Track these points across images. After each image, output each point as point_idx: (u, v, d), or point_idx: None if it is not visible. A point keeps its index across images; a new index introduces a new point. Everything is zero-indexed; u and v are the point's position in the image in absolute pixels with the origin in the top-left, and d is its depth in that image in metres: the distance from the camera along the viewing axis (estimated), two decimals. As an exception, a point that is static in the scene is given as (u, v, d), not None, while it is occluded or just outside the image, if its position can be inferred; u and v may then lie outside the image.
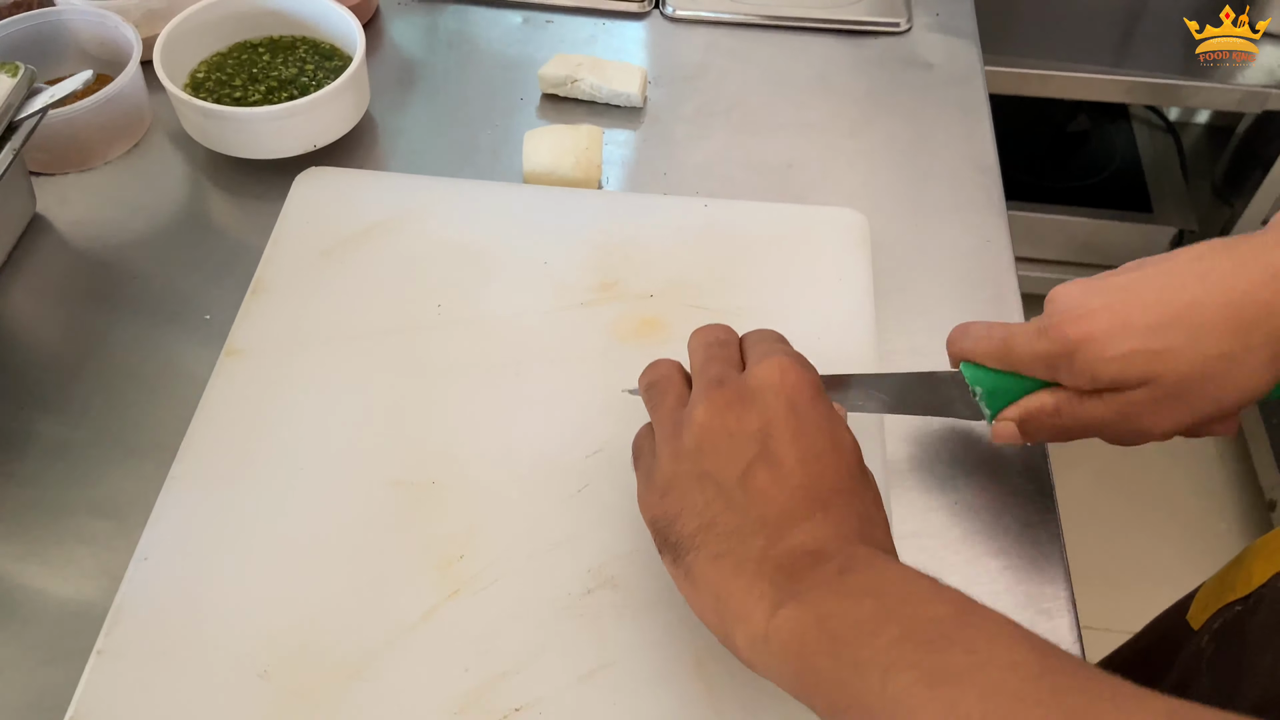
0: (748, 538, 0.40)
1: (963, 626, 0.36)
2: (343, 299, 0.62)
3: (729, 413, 0.43)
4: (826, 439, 0.42)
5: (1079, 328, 0.46)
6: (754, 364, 0.44)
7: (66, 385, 0.60)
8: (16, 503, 0.55)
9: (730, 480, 0.42)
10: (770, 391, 0.43)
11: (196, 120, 0.69)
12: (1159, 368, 0.45)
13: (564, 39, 0.83)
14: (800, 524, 0.40)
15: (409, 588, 0.51)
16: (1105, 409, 0.47)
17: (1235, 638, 0.58)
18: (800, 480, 0.41)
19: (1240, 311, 0.44)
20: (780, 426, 0.42)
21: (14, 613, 0.52)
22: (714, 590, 0.41)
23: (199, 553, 0.52)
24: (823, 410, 0.43)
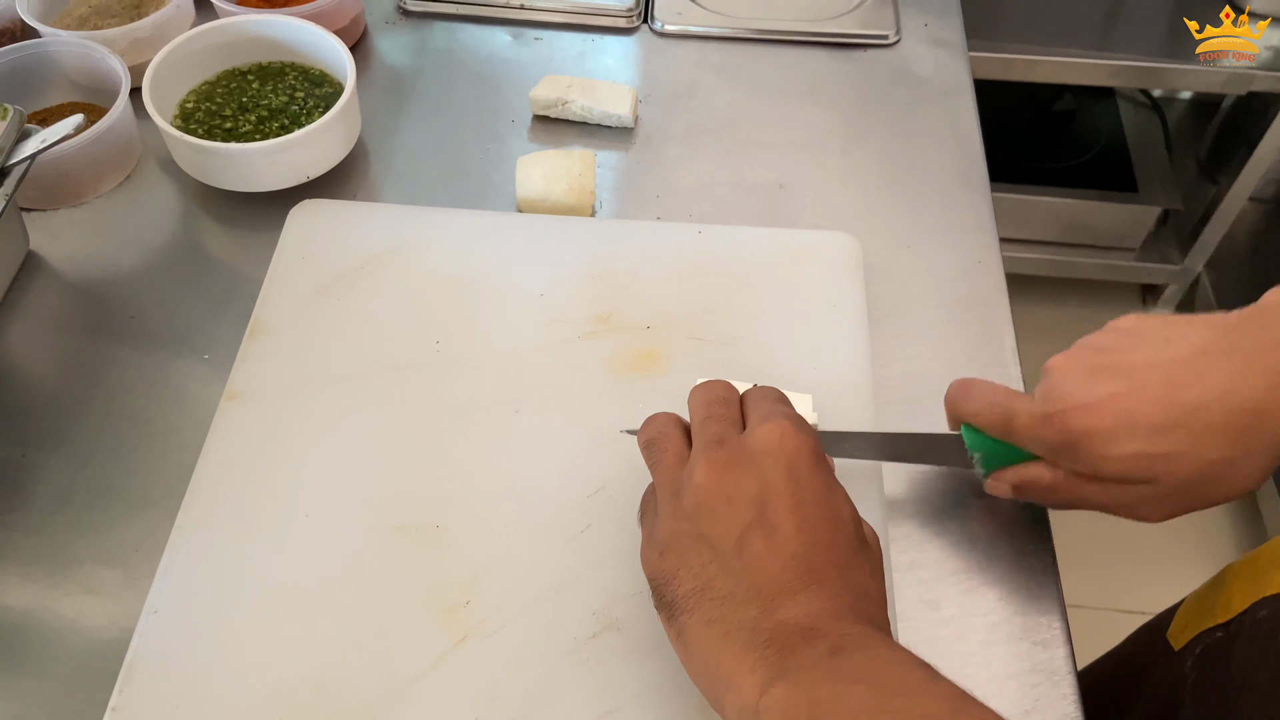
0: (741, 606, 0.41)
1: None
2: (341, 338, 0.62)
3: (727, 475, 0.43)
4: (824, 509, 0.43)
5: (1083, 420, 0.47)
6: (754, 426, 0.45)
7: (68, 429, 0.61)
8: (24, 554, 0.56)
9: (727, 545, 0.42)
10: (770, 456, 0.43)
11: (189, 155, 0.68)
12: (1161, 469, 0.46)
13: (553, 56, 0.83)
14: (794, 596, 0.40)
15: (417, 635, 0.51)
16: (1102, 495, 0.48)
17: (1218, 666, 0.59)
18: (796, 549, 0.41)
19: (1241, 419, 0.45)
20: (778, 493, 0.42)
21: (26, 667, 0.52)
22: (704, 656, 0.41)
23: (208, 605, 0.52)
24: (822, 478, 0.44)
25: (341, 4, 0.77)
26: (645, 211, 0.72)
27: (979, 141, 0.78)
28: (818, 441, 0.45)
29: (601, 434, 0.58)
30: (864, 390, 0.61)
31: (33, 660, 0.53)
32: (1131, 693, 0.67)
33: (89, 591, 0.55)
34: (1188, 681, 0.61)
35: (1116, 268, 1.78)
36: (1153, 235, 1.76)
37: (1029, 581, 0.56)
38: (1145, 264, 1.78)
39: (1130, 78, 1.55)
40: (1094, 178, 1.76)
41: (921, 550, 0.57)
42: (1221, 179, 1.75)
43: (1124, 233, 1.75)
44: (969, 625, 0.55)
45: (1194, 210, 1.75)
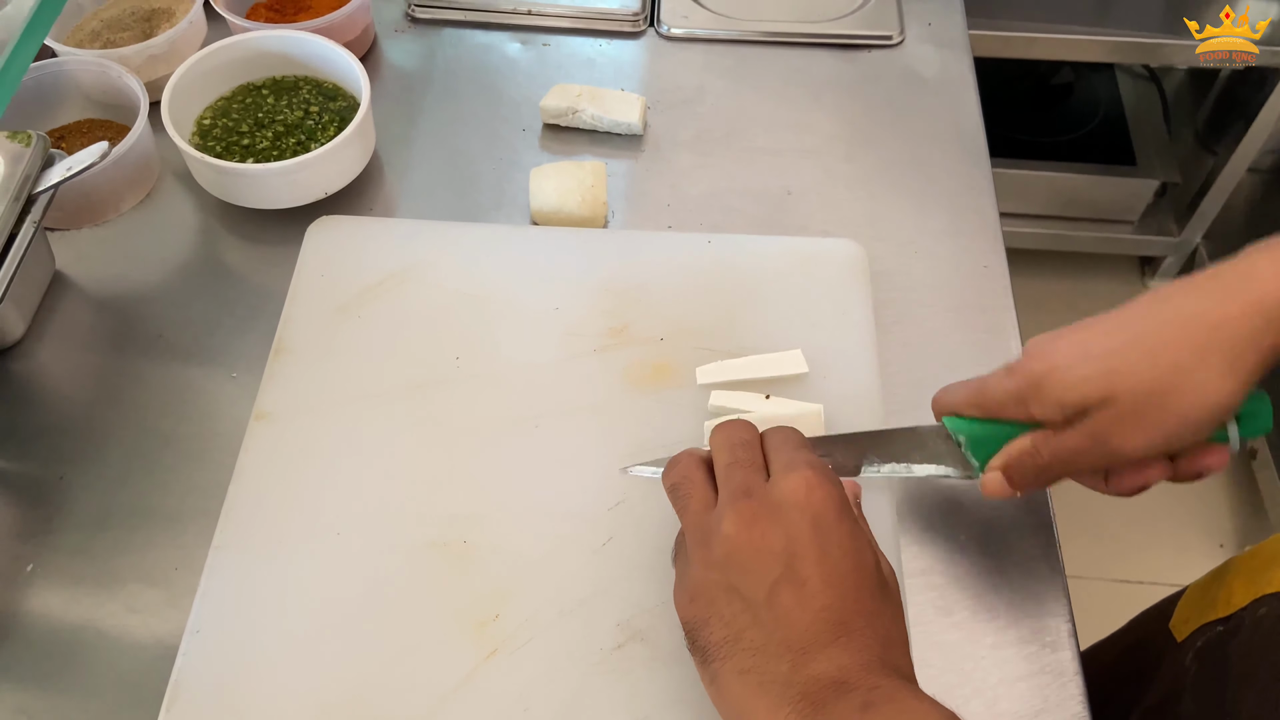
0: (773, 658, 0.42)
1: None
2: (363, 356, 0.64)
3: (755, 528, 0.44)
4: (850, 559, 0.44)
5: (1042, 361, 0.50)
6: (779, 475, 0.46)
7: (103, 448, 0.63)
8: (68, 575, 0.58)
9: (757, 597, 0.43)
10: (796, 509, 0.44)
11: (209, 175, 0.70)
12: (1117, 385, 0.48)
13: (562, 62, 0.84)
14: (824, 649, 0.42)
15: (449, 650, 0.54)
16: (1078, 437, 0.50)
17: (1218, 662, 0.61)
18: (824, 601, 0.42)
19: (1194, 330, 0.47)
20: (805, 545, 0.43)
21: (75, 687, 0.55)
22: (739, 704, 0.43)
23: (247, 624, 0.54)
24: (847, 528, 0.45)
25: (352, 16, 0.78)
26: (657, 220, 0.74)
27: (984, 143, 0.79)
28: (842, 491, 0.46)
29: (619, 448, 0.60)
30: (873, 397, 0.63)
31: (81, 680, 0.55)
32: (1137, 683, 0.69)
33: (132, 611, 0.57)
34: (1188, 674, 0.64)
35: (1115, 240, 1.80)
36: (1151, 208, 1.77)
37: (1036, 586, 0.58)
38: (1143, 236, 1.79)
39: (1128, 53, 1.56)
40: (1093, 151, 1.77)
41: (933, 557, 0.59)
42: (1220, 150, 1.75)
43: (1122, 205, 1.77)
44: (979, 629, 0.57)
45: (1192, 182, 1.76)
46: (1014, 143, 1.76)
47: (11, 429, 0.64)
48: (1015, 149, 1.75)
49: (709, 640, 0.44)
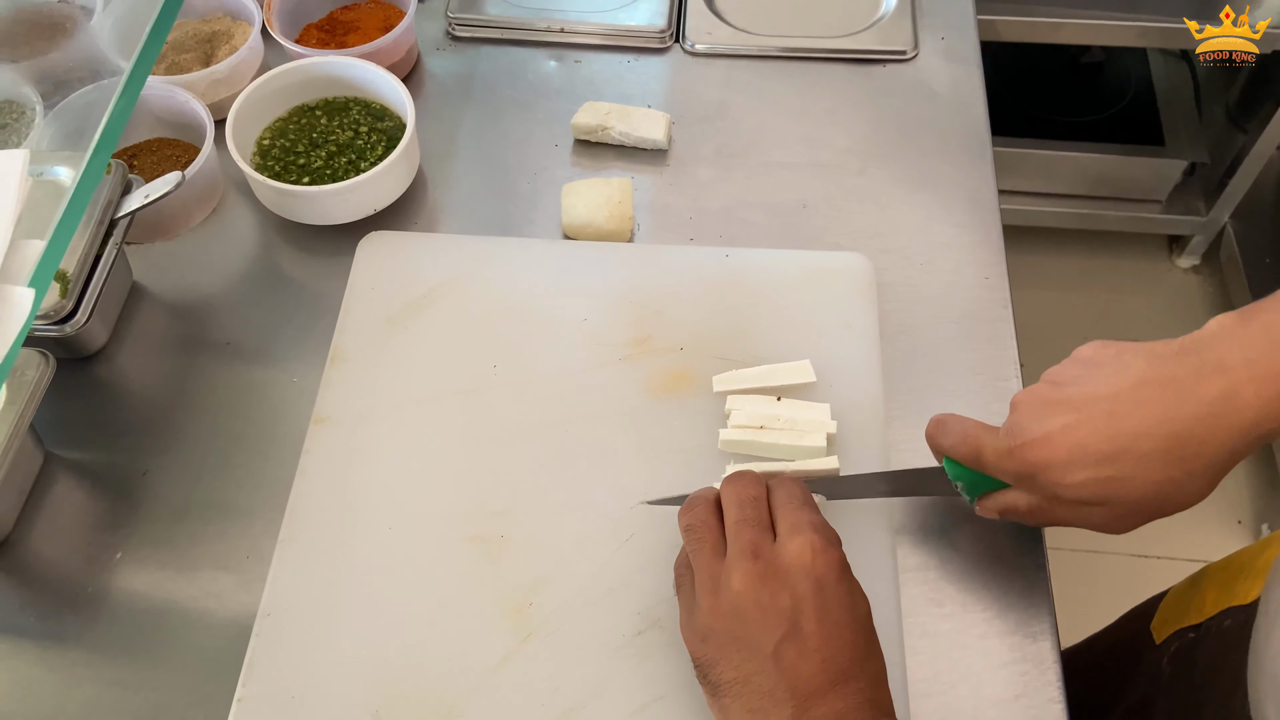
0: (779, 704, 0.48)
1: None
2: (410, 365, 0.71)
3: (763, 588, 0.50)
4: (847, 615, 0.50)
5: (1039, 453, 0.53)
6: (785, 538, 0.52)
7: (178, 447, 0.70)
8: (152, 563, 0.65)
9: (763, 650, 0.49)
10: (801, 572, 0.50)
11: (270, 195, 0.76)
12: (1112, 492, 0.52)
13: (592, 78, 0.89)
14: (824, 696, 0.47)
15: (489, 634, 0.61)
16: (1070, 515, 0.55)
17: (1188, 665, 0.67)
18: (825, 655, 0.48)
19: (1181, 445, 0.50)
20: (808, 605, 0.49)
21: (163, 661, 0.62)
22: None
23: (312, 609, 0.62)
24: (845, 587, 0.51)
25: (397, 40, 0.84)
26: (679, 231, 0.79)
27: (990, 158, 0.83)
28: (843, 554, 0.52)
29: (642, 451, 0.67)
30: (876, 403, 0.69)
31: (166, 655, 0.62)
32: (1119, 680, 0.75)
33: (210, 595, 0.64)
34: (1163, 677, 0.69)
35: (1143, 220, 1.82)
36: (1179, 187, 1.79)
37: (1022, 582, 0.64)
38: (1171, 215, 1.81)
39: (1155, 38, 1.57)
40: (1122, 130, 1.78)
41: (927, 554, 0.65)
42: (1249, 127, 1.77)
43: (1150, 185, 1.79)
44: (968, 620, 0.63)
45: (1220, 161, 1.78)
46: (1043, 122, 1.78)
47: (99, 427, 0.71)
48: (1045, 128, 1.77)
49: (719, 678, 0.50)
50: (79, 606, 0.64)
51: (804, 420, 0.66)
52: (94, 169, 0.53)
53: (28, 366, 0.64)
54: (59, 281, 0.66)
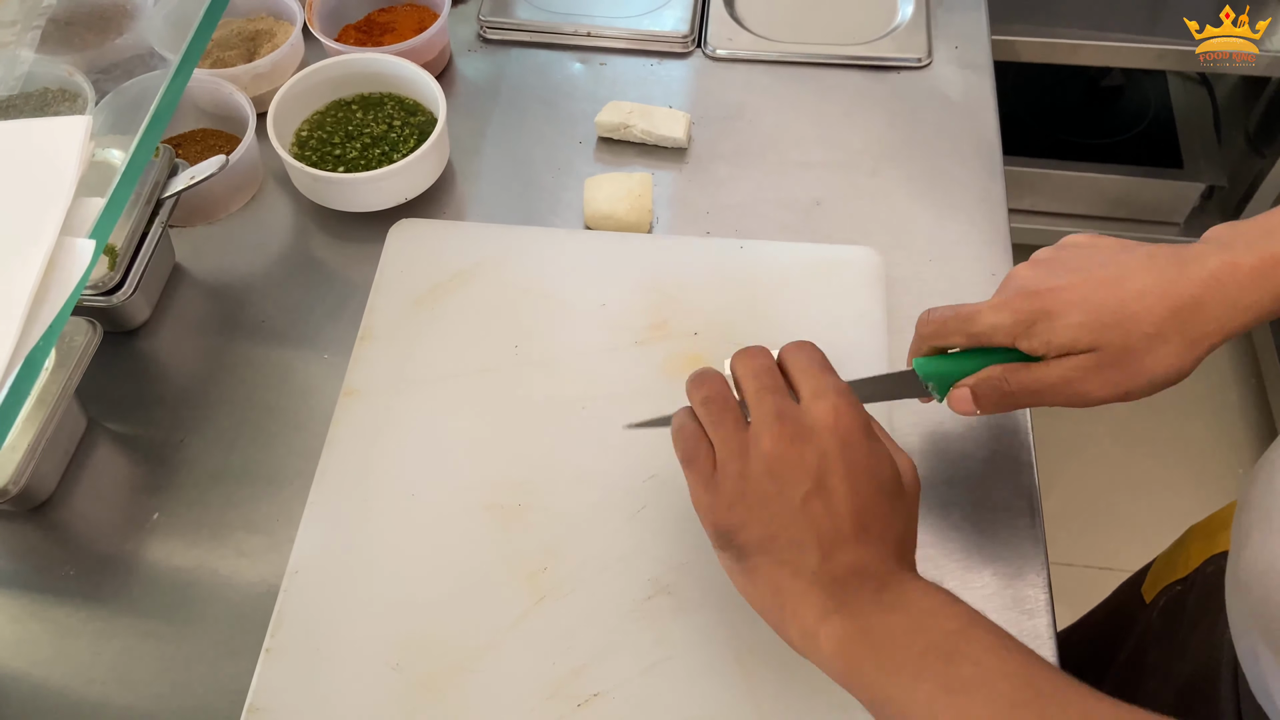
0: (805, 553, 0.50)
1: (970, 641, 0.46)
2: (436, 343, 0.74)
3: (791, 448, 0.51)
4: (870, 474, 0.51)
5: (1042, 301, 0.55)
6: (810, 401, 0.53)
7: (216, 418, 0.73)
8: (187, 524, 0.69)
9: (792, 504, 0.50)
10: (826, 431, 0.51)
11: (307, 182, 0.80)
12: (1103, 338, 0.54)
13: (617, 80, 0.92)
14: (848, 546, 0.50)
15: (505, 595, 0.63)
16: (1052, 373, 0.57)
17: (1177, 615, 0.69)
18: (849, 508, 0.50)
19: (1179, 308, 0.53)
20: (834, 463, 0.51)
21: (194, 615, 0.65)
22: (774, 589, 0.51)
23: (337, 567, 0.65)
24: (868, 447, 0.52)
25: (431, 39, 0.88)
26: (696, 225, 0.82)
27: (999, 160, 0.86)
28: (866, 414, 0.53)
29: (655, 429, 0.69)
30: (883, 391, 0.71)
31: (199, 610, 0.66)
32: (1114, 642, 0.77)
33: (241, 554, 0.67)
34: (1153, 629, 0.72)
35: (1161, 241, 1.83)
36: (1197, 210, 1.80)
37: (1019, 560, 0.66)
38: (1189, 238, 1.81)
39: (1173, 61, 1.59)
40: (1141, 153, 1.80)
41: (926, 531, 0.67)
42: (1268, 152, 1.78)
43: (1168, 208, 1.80)
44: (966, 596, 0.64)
45: (1239, 185, 1.79)
46: (1063, 143, 1.80)
47: (140, 399, 0.75)
48: (1064, 149, 1.79)
49: (748, 540, 0.52)
50: (116, 563, 0.68)
51: None
52: (144, 148, 0.56)
53: (76, 333, 0.67)
54: (108, 255, 0.69)
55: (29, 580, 0.67)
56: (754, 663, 0.61)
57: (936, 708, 0.44)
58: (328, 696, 0.60)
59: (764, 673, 0.60)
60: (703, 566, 0.64)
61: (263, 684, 0.61)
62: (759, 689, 0.60)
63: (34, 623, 0.65)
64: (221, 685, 0.62)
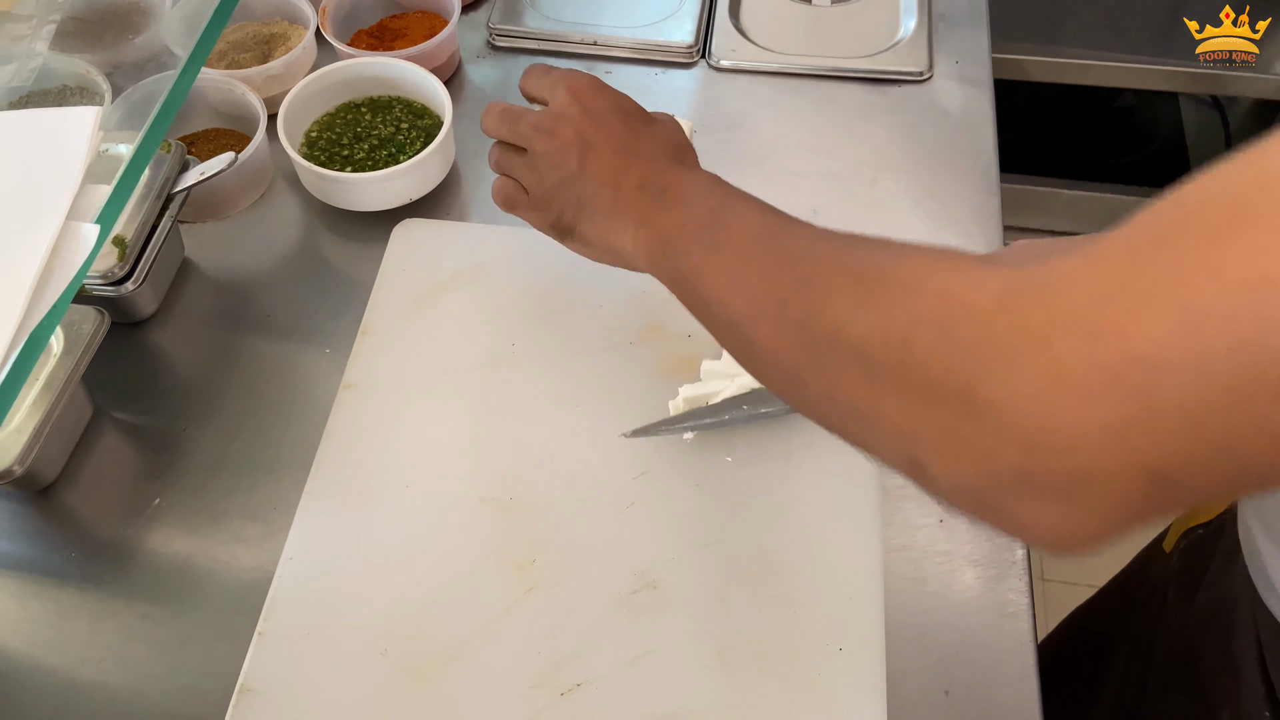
0: (600, 196, 0.60)
1: (725, 212, 0.55)
2: (435, 340, 0.75)
3: (553, 138, 0.62)
4: (617, 114, 0.62)
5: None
6: (549, 97, 0.63)
7: (218, 408, 0.75)
8: (186, 509, 0.70)
9: (573, 174, 0.61)
10: (568, 108, 0.62)
11: (315, 181, 0.82)
12: None
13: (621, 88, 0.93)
14: (625, 173, 0.60)
15: (494, 586, 0.65)
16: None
17: (1200, 556, 0.70)
18: (614, 148, 0.61)
19: None
20: (584, 125, 0.61)
21: (190, 598, 0.67)
22: (600, 239, 0.62)
23: (331, 555, 0.66)
24: (607, 98, 0.63)
25: (441, 45, 0.89)
26: (695, 232, 0.84)
27: (996, 174, 0.87)
28: (594, 77, 0.64)
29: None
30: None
31: (195, 593, 0.67)
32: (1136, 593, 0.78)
33: (238, 540, 0.69)
34: (1173, 570, 0.73)
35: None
36: (1207, 231, 1.81)
37: (1001, 564, 0.67)
38: (1198, 260, 1.82)
39: (1184, 83, 1.60)
40: (1151, 174, 1.81)
41: (912, 535, 0.68)
42: (1279, 178, 1.78)
43: (1177, 231, 1.80)
44: (948, 599, 0.66)
45: (1248, 209, 1.79)
46: (1074, 163, 1.81)
47: (144, 389, 0.77)
48: (1075, 169, 1.80)
49: (568, 219, 0.63)
50: (117, 546, 0.69)
51: None
52: (151, 139, 0.58)
53: (85, 321, 0.69)
54: (117, 245, 0.71)
55: (32, 561, 0.69)
56: (734, 658, 0.62)
57: (704, 269, 0.53)
58: (317, 680, 0.62)
59: (744, 668, 0.61)
60: (688, 563, 0.66)
61: (254, 666, 0.62)
62: (739, 684, 0.61)
63: (35, 602, 0.67)
64: (215, 667, 0.63)
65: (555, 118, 0.62)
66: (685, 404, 0.70)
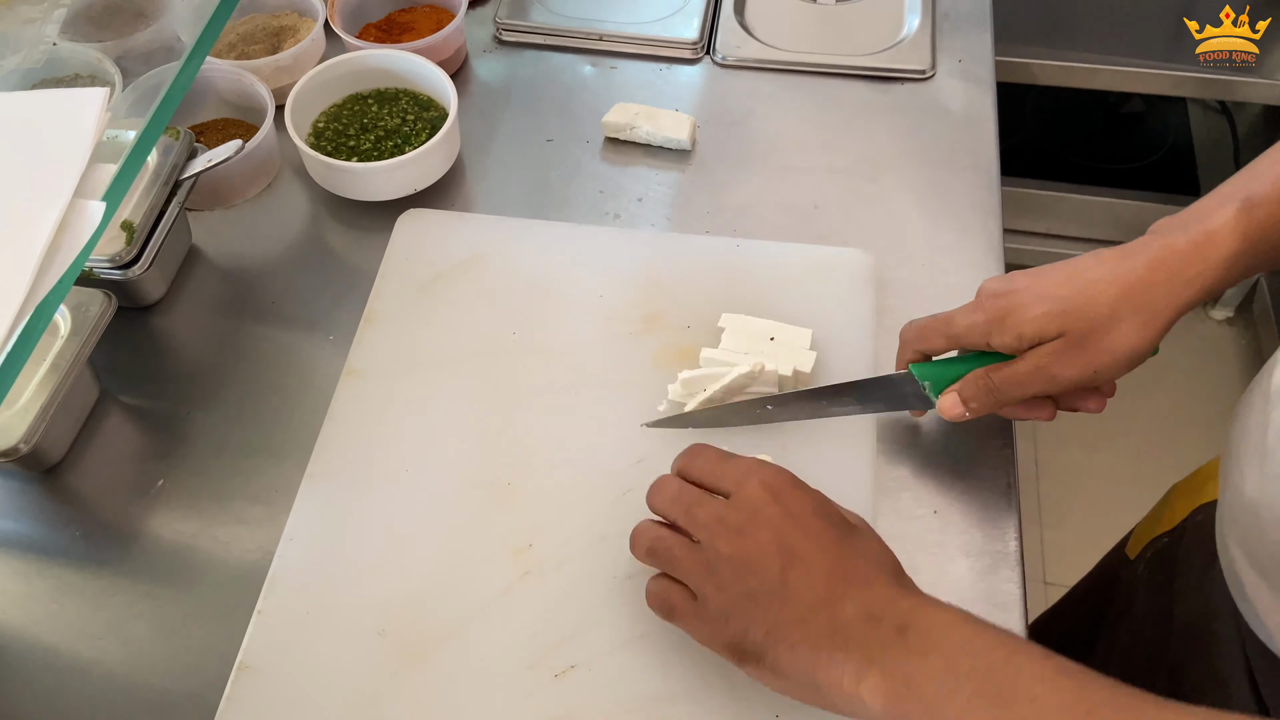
0: (810, 622, 0.50)
1: (1017, 672, 0.46)
2: (437, 328, 0.76)
3: (745, 540, 0.53)
4: (824, 521, 0.53)
5: (1007, 299, 0.62)
6: (736, 488, 0.55)
7: (222, 393, 0.76)
8: (190, 490, 0.71)
9: (774, 588, 0.52)
10: (765, 506, 0.54)
11: (321, 170, 0.83)
12: (1067, 324, 0.60)
13: (626, 83, 0.95)
14: (844, 596, 0.51)
15: (491, 568, 0.65)
16: (1028, 362, 0.62)
17: (1165, 565, 0.71)
18: (825, 563, 0.52)
19: (1130, 287, 0.59)
20: (788, 530, 0.53)
21: (193, 578, 0.68)
22: (803, 673, 0.51)
23: (331, 536, 0.67)
24: (807, 499, 0.54)
25: (447, 38, 0.90)
26: (696, 225, 0.84)
27: (997, 173, 0.88)
28: (787, 472, 0.56)
29: (645, 416, 0.71)
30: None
31: (198, 573, 0.68)
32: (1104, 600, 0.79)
33: (240, 522, 0.70)
34: (1140, 580, 0.74)
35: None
36: (1213, 238, 1.80)
37: (995, 555, 0.67)
38: (1205, 266, 1.82)
39: (1192, 88, 1.60)
40: (1158, 179, 1.81)
41: (907, 525, 0.69)
42: (1287, 184, 1.78)
43: (1185, 236, 1.80)
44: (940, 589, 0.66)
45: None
46: (1079, 167, 1.81)
47: (150, 373, 0.78)
48: (1082, 174, 1.80)
49: (756, 641, 0.52)
50: (121, 526, 0.70)
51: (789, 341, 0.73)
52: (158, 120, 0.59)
53: (92, 303, 0.70)
54: (125, 230, 0.72)
55: (37, 539, 0.70)
56: (728, 642, 0.62)
57: None
58: (315, 658, 0.63)
59: (737, 652, 0.62)
60: (684, 549, 0.66)
61: (253, 643, 0.63)
62: (730, 667, 0.61)
63: (39, 579, 0.68)
64: (215, 645, 0.64)
65: (745, 515, 0.53)
66: (683, 387, 0.70)
